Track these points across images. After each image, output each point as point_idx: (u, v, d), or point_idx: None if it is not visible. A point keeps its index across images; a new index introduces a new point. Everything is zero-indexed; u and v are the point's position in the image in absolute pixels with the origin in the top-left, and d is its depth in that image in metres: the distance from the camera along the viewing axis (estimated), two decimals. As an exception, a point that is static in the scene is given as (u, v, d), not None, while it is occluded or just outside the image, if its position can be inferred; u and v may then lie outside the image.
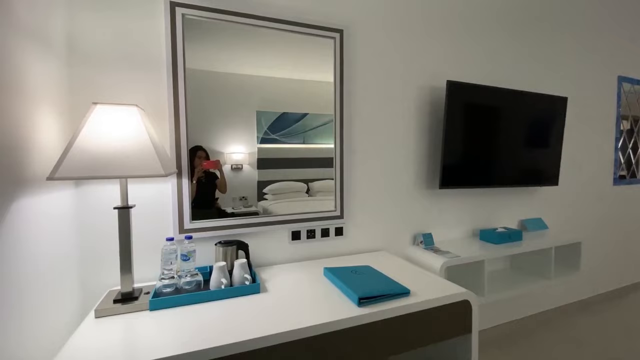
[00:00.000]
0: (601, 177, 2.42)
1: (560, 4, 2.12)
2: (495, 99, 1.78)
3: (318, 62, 1.47)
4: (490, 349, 1.90)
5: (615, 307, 2.44)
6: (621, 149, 2.58)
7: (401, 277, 1.23)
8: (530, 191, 2.10)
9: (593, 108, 2.34)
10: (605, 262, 2.51)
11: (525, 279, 1.81)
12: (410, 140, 1.69)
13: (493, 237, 1.73)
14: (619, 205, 2.55)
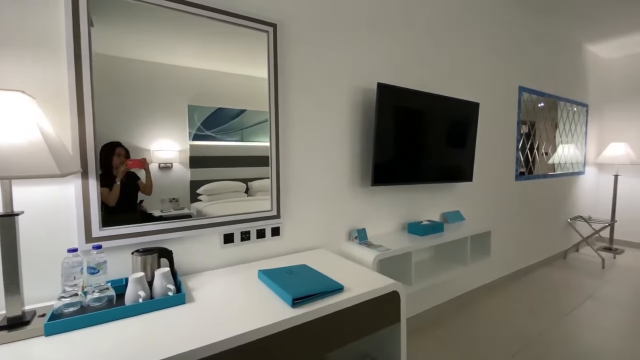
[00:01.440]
0: (505, 173, 2.80)
1: (473, 23, 2.38)
2: (421, 103, 1.92)
3: (255, 56, 1.42)
4: (418, 334, 2.06)
5: (518, 286, 2.86)
6: (521, 149, 3.02)
7: (336, 274, 1.25)
8: (450, 187, 2.33)
9: (499, 113, 2.68)
10: (509, 248, 2.91)
11: (447, 266, 2.00)
12: (345, 139, 1.74)
13: (419, 229, 1.87)
14: (520, 198, 2.98)
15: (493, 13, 2.53)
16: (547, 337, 2.03)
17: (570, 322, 2.22)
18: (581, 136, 3.84)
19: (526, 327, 2.14)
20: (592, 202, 4.14)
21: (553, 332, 2.08)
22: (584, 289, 2.77)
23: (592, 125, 4.01)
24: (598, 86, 4.05)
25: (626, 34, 3.38)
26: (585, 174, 3.95)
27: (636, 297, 2.63)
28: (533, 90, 3.04)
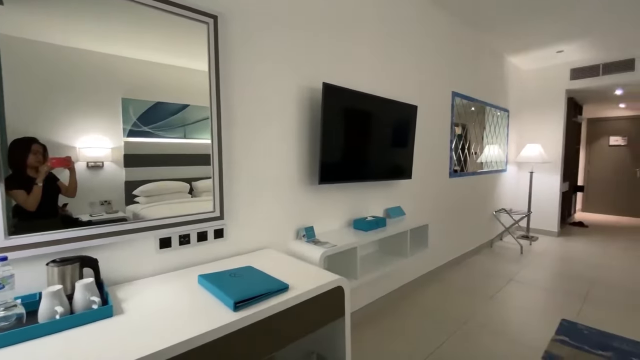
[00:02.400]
0: (441, 171, 3.04)
1: (411, 32, 2.53)
2: (366, 104, 1.99)
3: (197, 49, 1.35)
4: (364, 326, 2.15)
5: (452, 273, 3.13)
6: (455, 149, 3.31)
7: (283, 273, 1.25)
8: (392, 184, 2.46)
9: (435, 116, 2.90)
10: (444, 239, 3.18)
11: (389, 259, 2.12)
12: (292, 137, 1.73)
13: (364, 225, 1.95)
14: (453, 193, 3.27)
15: (430, 25, 2.73)
16: (476, 317, 2.26)
17: (495, 303, 2.50)
18: (504, 138, 4.33)
19: (460, 310, 2.36)
20: (513, 196, 4.71)
21: (481, 313, 2.32)
22: (506, 273, 3.14)
23: (512, 128, 4.55)
24: (517, 94, 4.60)
25: (538, 48, 3.89)
26: (507, 171, 4.47)
27: (548, 278, 3.06)
28: (465, 95, 3.35)
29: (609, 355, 1.80)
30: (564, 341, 1.94)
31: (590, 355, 1.80)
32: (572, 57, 4.20)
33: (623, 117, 6.19)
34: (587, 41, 3.64)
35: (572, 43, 3.69)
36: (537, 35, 3.48)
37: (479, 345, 1.93)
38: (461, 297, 2.58)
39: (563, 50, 3.95)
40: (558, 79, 4.46)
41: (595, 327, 2.10)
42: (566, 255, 3.72)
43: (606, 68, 4.11)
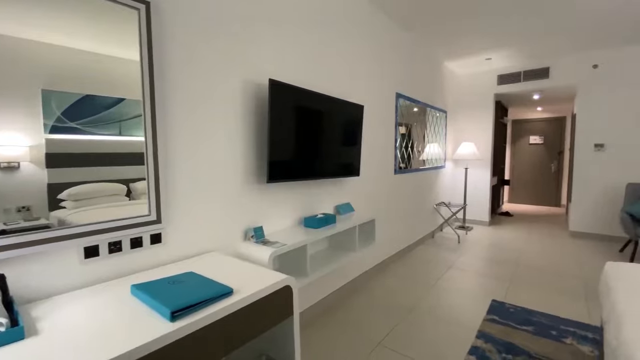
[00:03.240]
0: (386, 168, 3.19)
1: (359, 36, 2.60)
2: (314, 102, 2.00)
3: (131, 37, 1.22)
4: (316, 322, 2.17)
5: (399, 264, 3.31)
6: (400, 147, 3.48)
7: (228, 277, 1.20)
8: (342, 181, 2.51)
9: (380, 115, 3.03)
10: (391, 232, 3.34)
11: (339, 254, 2.16)
12: (238, 134, 1.67)
13: (314, 222, 1.96)
14: (398, 189, 3.45)
15: (376, 30, 2.83)
16: (420, 304, 2.41)
17: (437, 289, 2.69)
18: (442, 137, 4.68)
19: (406, 298, 2.50)
20: (451, 190, 5.12)
21: (425, 300, 2.49)
22: (446, 261, 3.40)
23: (450, 128, 4.94)
24: (453, 96, 5.00)
25: (470, 56, 4.27)
26: (445, 167, 4.84)
27: (481, 263, 3.38)
28: (408, 97, 3.54)
29: (530, 329, 2.04)
30: (494, 320, 2.16)
31: (515, 330, 2.02)
32: (498, 64, 4.68)
33: (540, 119, 7.08)
34: (511, 51, 4.09)
35: (498, 52, 4.12)
36: (469, 44, 3.81)
37: (422, 330, 2.06)
38: (407, 287, 2.74)
39: (491, 58, 4.38)
40: (487, 83, 4.94)
41: (520, 305, 2.37)
42: (496, 242, 4.15)
43: (526, 75, 4.65)
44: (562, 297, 2.52)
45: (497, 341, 1.89)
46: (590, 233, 4.27)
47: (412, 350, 1.84)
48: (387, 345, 1.89)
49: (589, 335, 1.94)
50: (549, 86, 4.53)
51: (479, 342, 1.89)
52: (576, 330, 2.01)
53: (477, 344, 1.87)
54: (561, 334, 1.97)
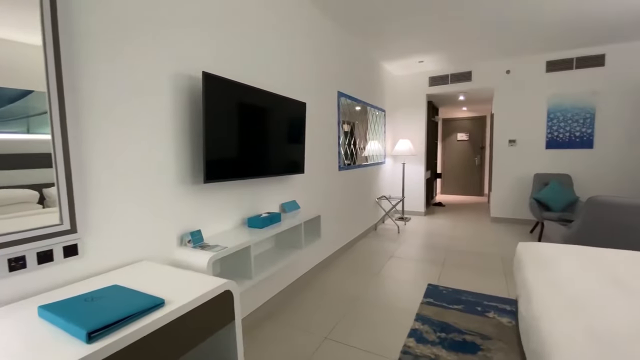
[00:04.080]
0: (331, 165, 3.25)
1: (301, 34, 2.59)
2: (254, 98, 1.93)
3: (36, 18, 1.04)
4: (263, 323, 2.12)
5: (345, 257, 3.40)
6: (344, 144, 3.58)
7: (160, 287, 1.10)
8: (287, 179, 2.49)
9: (324, 113, 3.07)
10: (336, 227, 3.42)
11: (286, 253, 2.14)
12: (170, 132, 1.54)
13: (258, 222, 1.91)
14: (343, 185, 3.54)
15: (318, 30, 2.84)
16: (365, 294, 2.51)
17: (380, 278, 2.83)
18: (382, 134, 4.93)
19: (351, 290, 2.58)
20: (391, 184, 5.43)
21: (369, 290, 2.60)
22: (388, 251, 3.60)
23: (388, 126, 5.22)
24: (391, 96, 5.29)
25: (404, 58, 4.55)
26: (385, 163, 5.11)
27: (418, 250, 3.64)
28: (349, 95, 3.64)
29: (460, 307, 2.26)
30: (430, 302, 2.34)
31: (448, 310, 2.22)
32: (430, 67, 5.06)
33: (466, 117, 7.86)
34: (440, 55, 4.45)
35: (429, 55, 4.45)
36: (403, 48, 4.06)
37: (367, 319, 2.15)
38: (352, 279, 2.83)
39: (423, 61, 4.73)
40: (420, 84, 5.33)
41: (451, 287, 2.61)
42: (430, 231, 4.51)
43: (453, 78, 5.12)
44: (485, 276, 2.84)
45: (433, 322, 2.06)
46: (507, 218, 4.89)
47: (357, 340, 1.91)
48: (333, 339, 1.93)
49: (507, 308, 2.22)
50: (472, 88, 5.05)
51: (417, 324, 2.03)
52: (497, 304, 2.28)
53: (415, 327, 2.01)
54: (485, 309, 2.22)
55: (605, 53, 4.15)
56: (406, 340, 1.86)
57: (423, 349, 1.77)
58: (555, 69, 4.44)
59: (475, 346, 1.79)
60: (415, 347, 1.79)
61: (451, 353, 1.73)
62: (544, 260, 1.66)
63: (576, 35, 3.75)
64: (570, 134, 4.42)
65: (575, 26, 3.46)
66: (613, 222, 2.34)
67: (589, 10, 3.06)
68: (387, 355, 1.75)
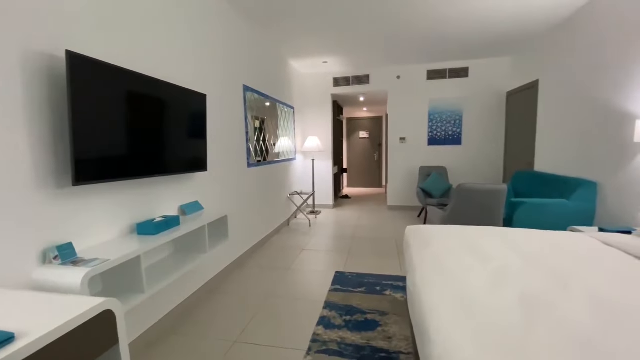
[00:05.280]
0: (238, 162, 3.12)
1: (202, 22, 2.38)
2: (141, 86, 1.70)
3: None
4: (168, 336, 1.92)
5: (258, 255, 3.34)
6: (255, 140, 3.48)
7: (10, 318, 0.87)
8: (187, 178, 2.29)
9: (229, 107, 2.92)
10: (248, 226, 3.33)
11: (188, 258, 1.97)
12: (18, 125, 1.22)
13: (150, 228, 1.70)
14: (253, 182, 3.46)
15: (223, 22, 2.66)
16: (277, 290, 2.51)
17: (292, 273, 2.88)
18: (292, 131, 4.99)
19: (263, 288, 2.55)
20: (302, 180, 5.57)
21: (281, 285, 2.61)
22: (300, 245, 3.69)
23: (298, 123, 5.32)
24: (299, 93, 5.40)
25: (310, 57, 4.69)
26: (296, 159, 5.21)
27: (328, 241, 3.83)
28: (257, 91, 3.56)
29: (363, 290, 2.47)
30: (337, 289, 2.49)
31: (353, 294, 2.40)
32: (333, 68, 5.34)
33: (366, 117, 8.60)
34: (342, 58, 4.73)
35: (332, 57, 4.69)
36: (308, 47, 4.17)
37: (279, 314, 2.15)
38: (264, 277, 2.80)
39: (327, 62, 4.96)
40: (326, 84, 5.59)
41: (355, 272, 2.83)
42: (339, 222, 4.81)
43: (354, 80, 5.52)
44: (383, 258, 3.17)
45: (340, 307, 2.20)
46: (401, 205, 5.57)
47: (268, 338, 1.89)
48: (244, 341, 1.87)
49: (401, 284, 2.53)
50: (370, 90, 5.54)
51: (325, 311, 2.14)
52: (392, 282, 2.58)
53: (324, 314, 2.11)
54: (383, 288, 2.48)
55: (469, 66, 5.08)
56: (315, 329, 1.94)
57: (330, 334, 1.87)
58: (433, 77, 5.23)
59: (375, 323, 1.98)
60: (323, 334, 1.88)
61: (355, 333, 1.88)
62: (425, 240, 1.94)
63: (448, 51, 4.48)
64: (445, 133, 5.29)
65: (447, 44, 4.14)
66: (476, 204, 2.90)
67: (456, 32, 3.69)
68: (298, 347, 1.79)
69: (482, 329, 0.94)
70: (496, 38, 3.97)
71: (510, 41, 4.09)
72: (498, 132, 5.09)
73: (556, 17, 3.31)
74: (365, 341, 1.80)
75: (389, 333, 1.87)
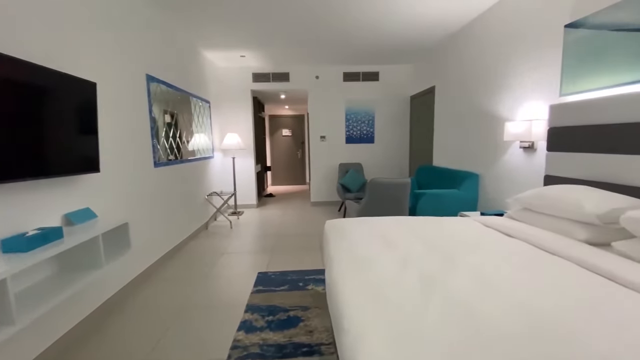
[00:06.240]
0: (142, 161, 2.78)
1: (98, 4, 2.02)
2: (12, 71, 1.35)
3: None
4: (46, 374, 1.59)
5: (172, 263, 3.03)
6: (163, 137, 3.14)
7: None
8: (74, 180, 1.93)
9: (128, 99, 2.57)
10: (157, 232, 3.00)
11: (76, 276, 1.67)
12: None
13: (21, 244, 1.38)
14: (163, 183, 3.12)
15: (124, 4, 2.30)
16: (193, 299, 2.32)
17: (211, 279, 2.70)
18: (208, 127, 4.68)
19: (178, 299, 2.33)
20: (221, 179, 5.28)
21: (198, 293, 2.42)
22: (220, 249, 3.49)
23: (215, 119, 5.01)
24: (216, 87, 5.09)
25: (226, 50, 4.46)
26: (214, 157, 4.91)
27: (250, 243, 3.71)
28: (165, 82, 3.21)
29: (286, 287, 2.46)
30: (259, 290, 2.44)
31: (276, 293, 2.38)
32: (252, 63, 5.19)
33: (288, 115, 8.63)
34: (260, 53, 4.62)
35: (250, 51, 4.55)
36: (222, 38, 3.95)
37: (196, 324, 1.99)
38: (179, 286, 2.57)
39: (245, 56, 4.79)
40: (245, 79, 5.40)
41: (278, 270, 2.81)
42: (262, 221, 4.72)
43: (274, 77, 5.46)
44: (307, 254, 3.23)
45: (262, 308, 2.15)
46: (323, 201, 5.76)
47: (183, 352, 1.74)
48: (154, 359, 1.68)
49: (322, 277, 2.61)
50: (290, 88, 5.56)
51: (247, 315, 2.07)
52: (314, 276, 2.64)
53: (245, 318, 2.03)
54: (306, 283, 2.52)
55: (379, 71, 5.52)
56: (236, 335, 1.86)
57: (252, 338, 1.81)
58: (349, 79, 5.53)
59: (297, 319, 2.00)
60: (244, 339, 1.81)
61: (277, 333, 1.86)
62: (342, 233, 2.03)
63: (361, 55, 4.79)
64: (361, 132, 5.66)
65: (360, 49, 4.41)
66: (386, 196, 3.17)
67: (368, 38, 3.95)
68: (217, 357, 1.69)
69: (389, 313, 1.02)
70: (401, 46, 4.39)
71: (414, 49, 4.58)
72: (404, 131, 5.67)
73: (447, 31, 3.83)
74: (288, 339, 1.80)
75: (311, 327, 1.91)
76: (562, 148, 2.20)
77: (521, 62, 2.72)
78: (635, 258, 1.36)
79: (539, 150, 2.54)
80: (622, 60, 1.85)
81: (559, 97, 2.32)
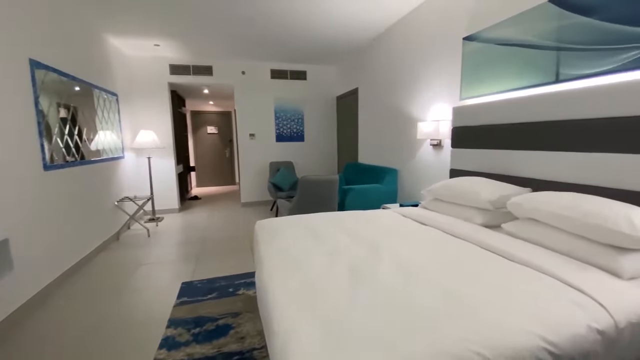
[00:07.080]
0: (27, 164, 2.29)
1: None
2: None
3: None
4: None
5: (75, 281, 2.58)
6: (58, 134, 2.63)
7: None
8: None
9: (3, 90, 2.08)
10: (53, 247, 2.53)
11: None
12: None
13: None
14: (57, 189, 2.63)
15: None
16: (104, 320, 2.01)
17: (126, 295, 2.38)
18: (117, 123, 4.12)
19: (84, 321, 1.99)
20: (135, 182, 4.71)
21: (110, 313, 2.11)
22: (136, 261, 3.10)
23: (124, 114, 4.43)
24: (125, 78, 4.50)
25: (136, 37, 3.97)
26: (125, 157, 4.34)
27: (172, 251, 3.39)
28: (58, 70, 2.70)
29: (214, 295, 2.31)
30: (184, 301, 2.24)
31: (202, 302, 2.21)
32: (169, 53, 4.73)
33: (214, 111, 8.14)
34: (178, 43, 4.24)
35: (166, 40, 4.13)
36: (134, 24, 3.50)
37: (107, 350, 1.73)
38: (85, 307, 2.20)
39: (160, 45, 4.34)
40: (160, 71, 4.89)
41: (205, 278, 2.63)
42: (186, 227, 4.36)
43: (195, 69, 5.08)
44: (236, 257, 3.09)
45: (187, 321, 1.98)
46: (254, 201, 5.60)
47: (90, 384, 1.50)
48: (49, 400, 1.41)
49: (253, 280, 2.52)
50: (214, 82, 5.24)
51: (169, 330, 1.88)
52: (245, 280, 2.54)
53: (167, 334, 1.84)
54: (236, 288, 2.41)
55: (306, 70, 5.58)
56: (157, 354, 1.67)
57: (175, 355, 1.65)
58: (277, 77, 5.47)
59: (228, 327, 1.90)
60: (167, 357, 1.64)
61: (205, 345, 1.73)
62: (273, 232, 1.99)
63: (286, 53, 4.77)
64: (291, 130, 5.66)
65: (285, 46, 4.38)
66: (316, 193, 3.22)
67: (296, 35, 3.95)
68: (133, 382, 1.50)
69: (318, 309, 1.03)
70: (327, 47, 4.51)
71: (339, 51, 4.74)
72: (332, 130, 5.87)
73: (370, 33, 4.07)
74: (216, 350, 1.69)
75: (242, 333, 1.83)
76: (463, 145, 2.53)
77: (431, 68, 3.04)
78: (518, 236, 1.64)
79: (445, 147, 2.88)
80: (507, 70, 2.21)
81: (459, 101, 2.66)
